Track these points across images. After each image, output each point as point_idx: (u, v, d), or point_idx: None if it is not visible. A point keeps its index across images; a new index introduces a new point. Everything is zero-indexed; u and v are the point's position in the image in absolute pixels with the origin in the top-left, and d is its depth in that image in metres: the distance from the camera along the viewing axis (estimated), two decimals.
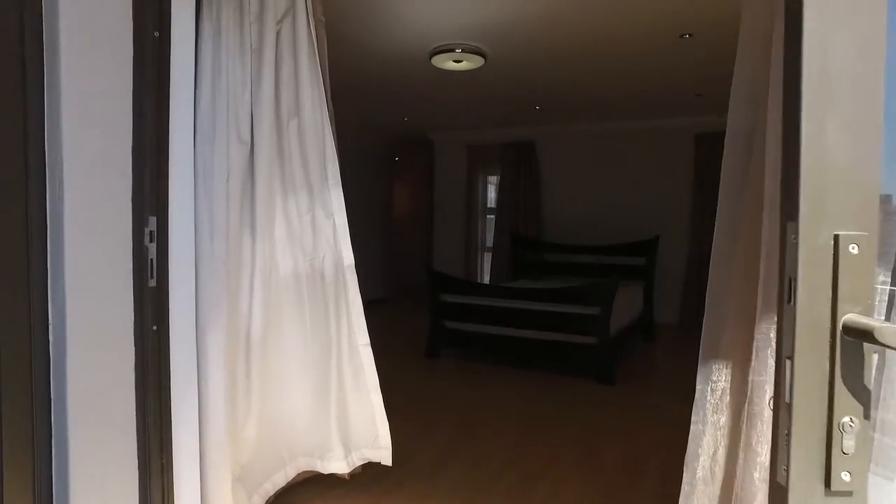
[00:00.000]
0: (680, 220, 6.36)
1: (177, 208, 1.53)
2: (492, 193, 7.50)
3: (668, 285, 6.38)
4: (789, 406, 0.69)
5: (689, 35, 3.68)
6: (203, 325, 1.70)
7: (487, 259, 7.46)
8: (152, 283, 1.42)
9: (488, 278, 7.30)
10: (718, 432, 1.41)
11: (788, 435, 0.69)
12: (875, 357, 0.69)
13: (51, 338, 1.26)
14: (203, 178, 1.70)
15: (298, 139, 1.99)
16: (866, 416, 0.68)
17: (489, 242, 7.44)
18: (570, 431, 3.27)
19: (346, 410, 2.11)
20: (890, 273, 1.35)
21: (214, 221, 1.74)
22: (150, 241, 1.41)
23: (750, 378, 1.26)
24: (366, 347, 2.14)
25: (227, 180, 1.79)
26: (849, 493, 0.68)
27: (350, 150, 7.99)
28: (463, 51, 3.96)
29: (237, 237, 1.85)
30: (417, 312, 7.33)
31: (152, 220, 1.42)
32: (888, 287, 1.36)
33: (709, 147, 6.11)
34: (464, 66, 4.16)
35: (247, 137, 1.86)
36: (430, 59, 4.12)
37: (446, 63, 4.14)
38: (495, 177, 7.41)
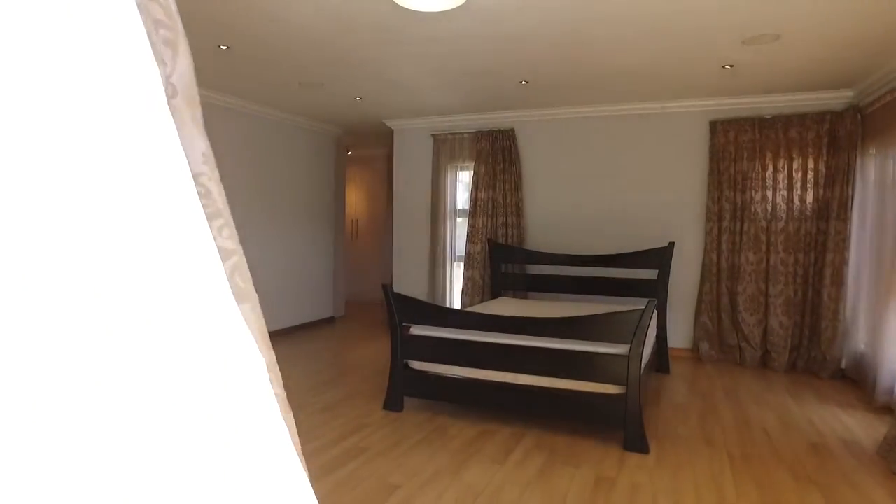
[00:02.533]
0: (691, 222, 5.28)
1: None
2: (462, 192, 6.26)
3: (676, 302, 5.28)
4: None
5: None
6: None
7: (458, 271, 6.22)
8: None
9: (459, 296, 6.06)
10: None
11: None
12: None
13: None
14: None
15: None
16: None
17: (460, 250, 6.20)
18: None
19: None
20: None
21: None
22: None
23: None
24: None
25: None
26: None
27: (291, 141, 6.77)
28: None
29: None
30: (375, 335, 6.05)
31: None
32: None
33: (727, 135, 5.05)
34: (435, 3, 2.91)
35: None
36: None
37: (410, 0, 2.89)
38: (467, 172, 6.18)
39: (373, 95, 5.19)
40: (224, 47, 3.81)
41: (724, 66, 4.13)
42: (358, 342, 5.82)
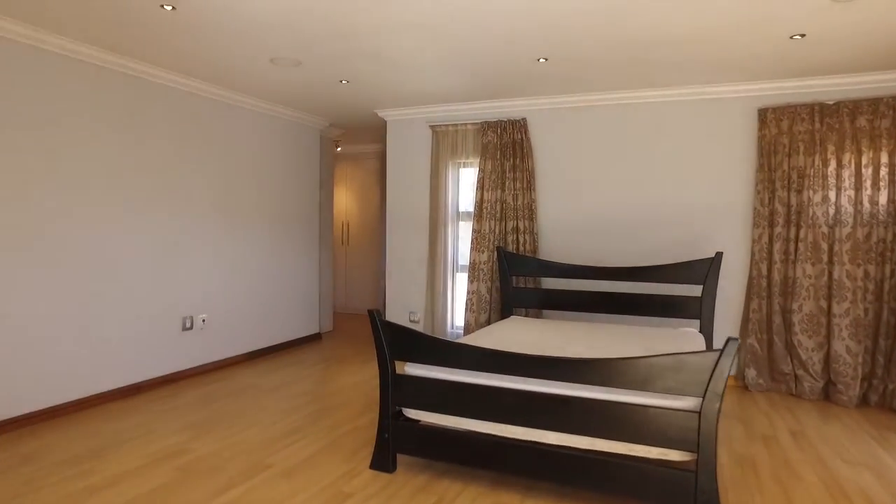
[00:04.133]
0: (735, 228, 4.49)
1: None
2: (466, 192, 5.46)
3: (717, 321, 4.50)
4: None
5: None
6: None
7: (461, 282, 5.42)
8: None
9: (462, 312, 5.25)
10: None
11: None
12: None
13: None
14: None
15: None
16: None
17: (463, 259, 5.41)
18: None
19: None
20: None
21: None
22: None
23: None
24: None
25: None
26: None
27: (266, 134, 5.51)
28: None
29: None
30: (367, 356, 5.24)
31: None
32: None
33: (779, 125, 4.27)
34: None
35: None
36: None
37: None
38: (471, 169, 5.38)
39: (362, 78, 4.39)
40: (169, 7, 3.00)
41: (791, 37, 3.35)
42: (345, 365, 5.01)
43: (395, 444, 2.76)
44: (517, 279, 4.87)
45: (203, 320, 4.63)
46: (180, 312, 4.42)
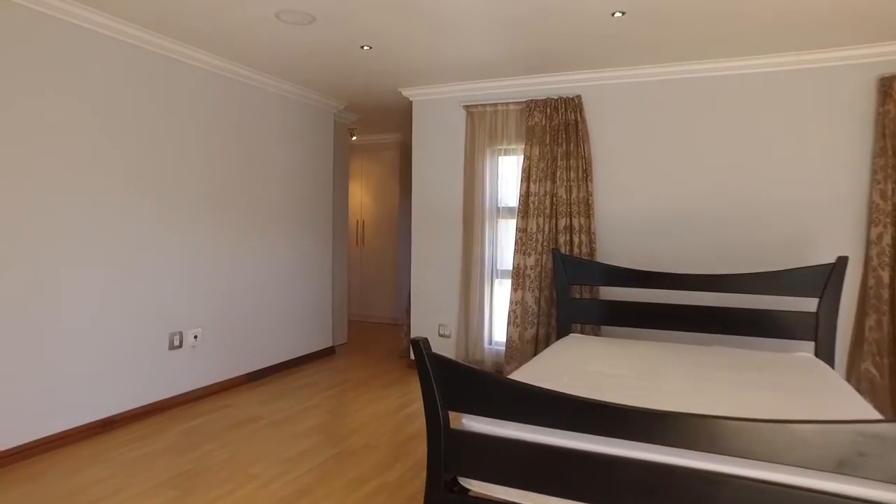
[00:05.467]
0: (844, 226, 3.66)
1: None
2: (508, 184, 4.64)
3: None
4: None
5: None
6: None
7: (501, 291, 4.60)
8: None
9: (503, 326, 4.43)
10: None
11: None
12: None
13: None
14: None
15: None
16: None
17: (504, 263, 4.59)
18: None
19: None
20: None
21: None
22: None
23: None
24: None
25: None
26: None
27: (272, 118, 4.33)
28: None
29: None
30: (388, 376, 4.40)
31: None
32: None
33: None
34: None
35: None
36: None
37: None
38: (514, 157, 4.57)
39: (387, 43, 3.59)
40: None
41: None
42: (364, 390, 4.21)
43: None
44: (575, 288, 4.04)
45: (195, 336, 3.84)
46: (167, 327, 3.64)
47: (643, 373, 2.63)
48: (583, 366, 2.77)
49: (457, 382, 1.90)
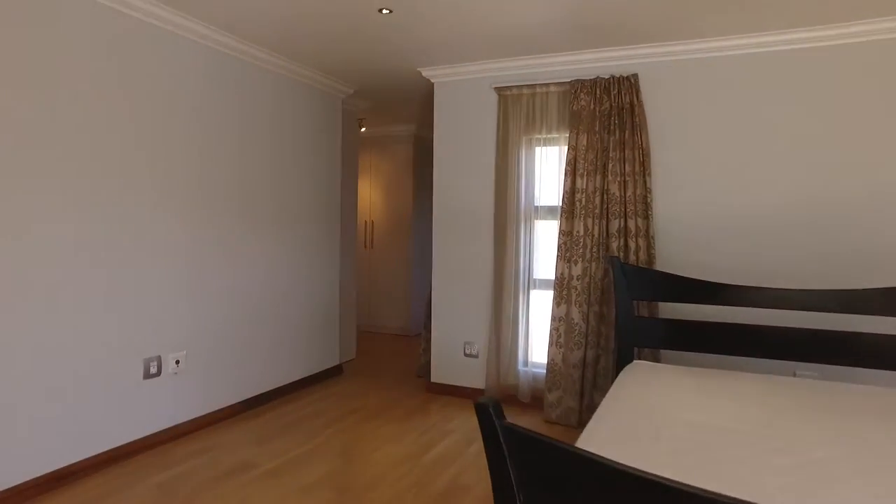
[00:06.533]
0: None
1: None
2: (549, 179, 3.97)
3: None
4: None
5: None
6: None
7: (539, 304, 3.93)
8: None
9: (544, 346, 3.76)
10: None
11: None
12: None
13: None
14: None
15: None
16: None
17: (542, 272, 3.93)
18: None
19: None
20: None
21: None
22: None
23: None
24: None
25: None
26: None
27: (272, 103, 3.39)
28: None
29: None
30: (405, 405, 3.68)
31: None
32: None
33: None
34: None
35: None
36: None
37: None
38: (556, 147, 3.90)
39: (411, 4, 2.93)
40: None
41: None
42: (380, 423, 3.55)
43: None
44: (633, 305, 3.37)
45: (177, 362, 3.18)
46: (141, 352, 2.98)
47: (762, 424, 1.97)
48: (676, 413, 2.11)
49: (540, 462, 1.24)
